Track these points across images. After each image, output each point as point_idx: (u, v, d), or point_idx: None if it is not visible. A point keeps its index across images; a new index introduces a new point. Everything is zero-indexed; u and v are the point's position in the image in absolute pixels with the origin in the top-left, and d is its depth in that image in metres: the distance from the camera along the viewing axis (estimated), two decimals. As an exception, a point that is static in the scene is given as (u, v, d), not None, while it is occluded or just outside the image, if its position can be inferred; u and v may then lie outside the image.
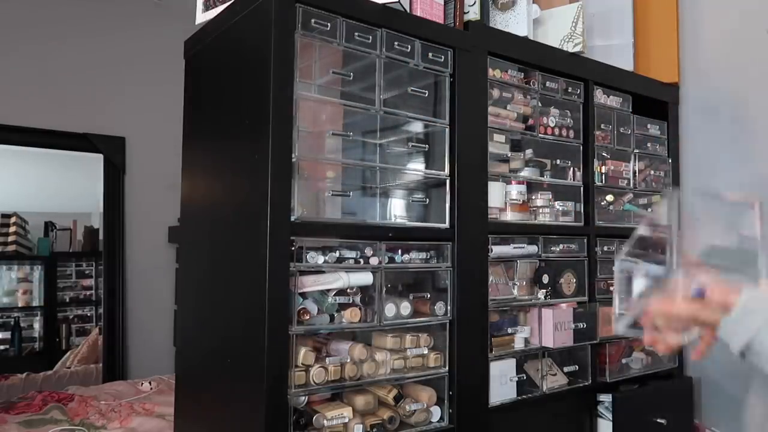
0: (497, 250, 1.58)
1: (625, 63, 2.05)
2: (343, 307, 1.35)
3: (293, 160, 1.23)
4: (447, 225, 1.48)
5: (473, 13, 1.61)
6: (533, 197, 1.73)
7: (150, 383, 2.73)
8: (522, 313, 1.70)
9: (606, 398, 1.74)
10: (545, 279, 1.68)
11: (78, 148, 3.17)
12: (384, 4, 1.39)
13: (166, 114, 2.58)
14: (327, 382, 1.28)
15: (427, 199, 1.53)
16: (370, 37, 1.37)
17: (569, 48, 1.81)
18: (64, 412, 2.30)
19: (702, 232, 0.87)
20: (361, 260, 1.36)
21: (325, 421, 1.28)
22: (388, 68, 1.41)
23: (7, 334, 3.44)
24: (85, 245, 3.66)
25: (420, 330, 1.46)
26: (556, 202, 1.77)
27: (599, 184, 1.83)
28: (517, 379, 1.60)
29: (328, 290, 1.33)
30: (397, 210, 1.54)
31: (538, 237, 1.69)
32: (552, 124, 1.74)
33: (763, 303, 0.74)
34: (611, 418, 1.72)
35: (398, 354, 1.41)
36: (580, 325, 1.70)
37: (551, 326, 1.65)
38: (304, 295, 1.30)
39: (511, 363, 1.61)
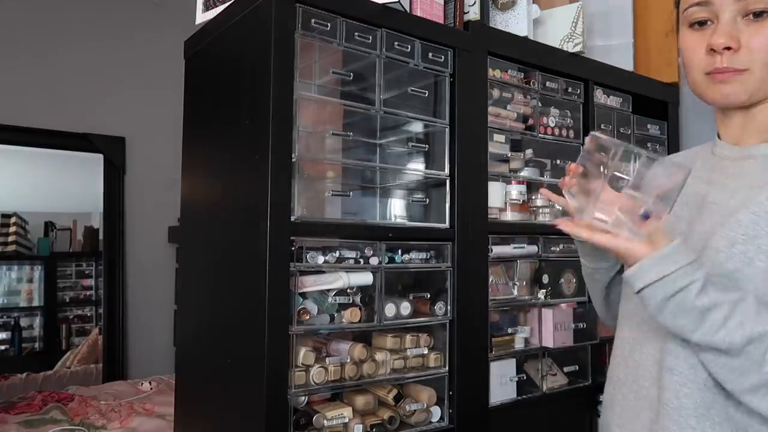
0: (497, 250, 1.58)
1: (625, 63, 2.05)
2: (343, 307, 1.35)
3: (293, 160, 1.23)
4: (447, 225, 1.48)
5: (473, 13, 1.61)
6: (533, 197, 1.73)
7: (150, 383, 2.73)
8: (522, 313, 1.70)
9: (606, 398, 1.74)
10: (545, 279, 1.68)
11: (78, 148, 3.17)
12: (384, 4, 1.39)
13: (166, 114, 2.58)
14: (327, 382, 1.28)
15: (427, 199, 1.53)
16: (370, 37, 1.37)
17: (569, 48, 1.81)
18: (64, 412, 2.30)
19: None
20: (361, 260, 1.36)
21: (325, 421, 1.28)
22: (388, 68, 1.41)
23: (7, 334, 3.44)
24: (85, 245, 3.65)
25: (420, 330, 1.46)
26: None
27: (599, 184, 1.83)
28: (517, 379, 1.60)
29: (328, 290, 1.33)
30: (397, 210, 1.54)
31: (538, 237, 1.69)
32: (552, 124, 1.74)
33: (678, 258, 0.75)
34: (611, 418, 1.72)
35: (398, 354, 1.41)
36: (580, 325, 1.70)
37: (551, 326, 1.65)
38: (304, 295, 1.30)
39: (511, 363, 1.61)
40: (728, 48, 0.81)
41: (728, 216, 0.81)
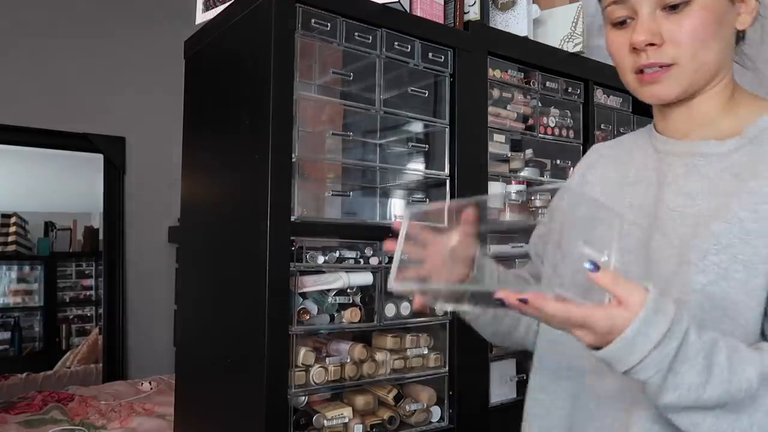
0: (496, 249, 1.58)
1: (625, 63, 2.05)
2: (343, 307, 1.35)
3: (293, 160, 1.23)
4: (447, 225, 1.48)
5: (473, 13, 1.61)
6: (533, 197, 1.73)
7: (150, 383, 2.73)
8: (522, 313, 1.70)
9: (606, 398, 1.73)
10: (545, 279, 1.68)
11: (78, 148, 3.17)
12: (384, 4, 1.39)
13: (166, 114, 2.58)
14: (327, 382, 1.28)
15: (427, 199, 1.53)
16: (370, 37, 1.37)
17: (569, 48, 1.81)
18: (64, 412, 2.30)
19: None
20: (361, 260, 1.36)
21: (325, 421, 1.28)
22: (388, 68, 1.41)
23: (7, 334, 3.44)
24: (85, 245, 3.66)
25: (420, 330, 1.46)
26: (556, 202, 1.77)
27: (599, 184, 1.83)
28: (517, 379, 1.60)
29: (328, 290, 1.33)
30: (397, 210, 1.54)
31: (538, 237, 1.68)
32: (552, 124, 1.74)
33: (665, 309, 0.61)
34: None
35: (398, 354, 1.41)
36: (580, 325, 1.70)
37: (551, 326, 1.65)
38: (304, 295, 1.30)
39: (511, 363, 1.61)
40: (651, 44, 0.75)
41: (697, 226, 0.74)
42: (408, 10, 1.48)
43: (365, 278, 1.35)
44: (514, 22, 1.73)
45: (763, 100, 0.81)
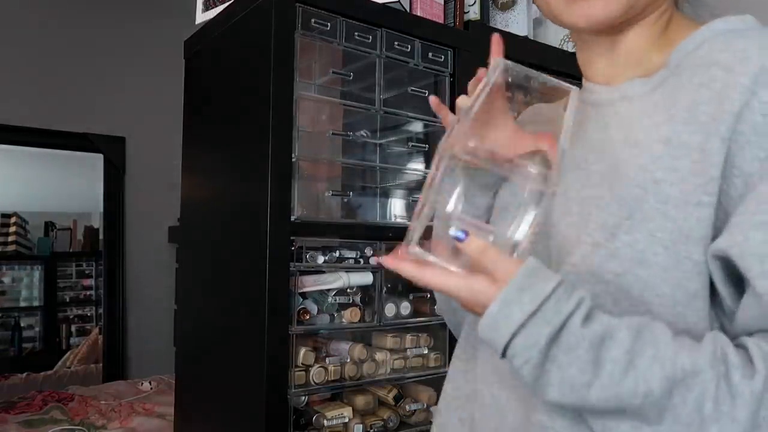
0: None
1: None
2: (343, 307, 1.35)
3: (293, 160, 1.23)
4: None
5: (473, 13, 1.61)
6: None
7: (150, 383, 2.73)
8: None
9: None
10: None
11: (78, 148, 3.17)
12: (384, 4, 1.39)
13: (166, 114, 2.58)
14: (327, 382, 1.28)
15: (427, 199, 1.53)
16: (370, 37, 1.37)
17: (569, 48, 1.81)
18: (65, 412, 2.30)
19: None
20: (361, 260, 1.36)
21: (325, 421, 1.28)
22: (388, 68, 1.41)
23: (7, 334, 3.44)
24: (85, 245, 3.66)
25: (420, 330, 1.46)
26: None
27: (599, 184, 1.83)
28: (517, 379, 1.60)
29: (328, 290, 1.33)
30: (397, 210, 1.54)
31: (538, 237, 1.68)
32: (552, 124, 1.74)
33: (539, 286, 0.50)
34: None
35: (398, 354, 1.41)
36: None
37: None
38: (304, 295, 1.30)
39: (511, 363, 1.61)
40: None
41: (599, 187, 0.57)
42: (408, 10, 1.48)
43: (365, 278, 1.35)
44: (514, 22, 1.73)
45: (698, 25, 0.62)
